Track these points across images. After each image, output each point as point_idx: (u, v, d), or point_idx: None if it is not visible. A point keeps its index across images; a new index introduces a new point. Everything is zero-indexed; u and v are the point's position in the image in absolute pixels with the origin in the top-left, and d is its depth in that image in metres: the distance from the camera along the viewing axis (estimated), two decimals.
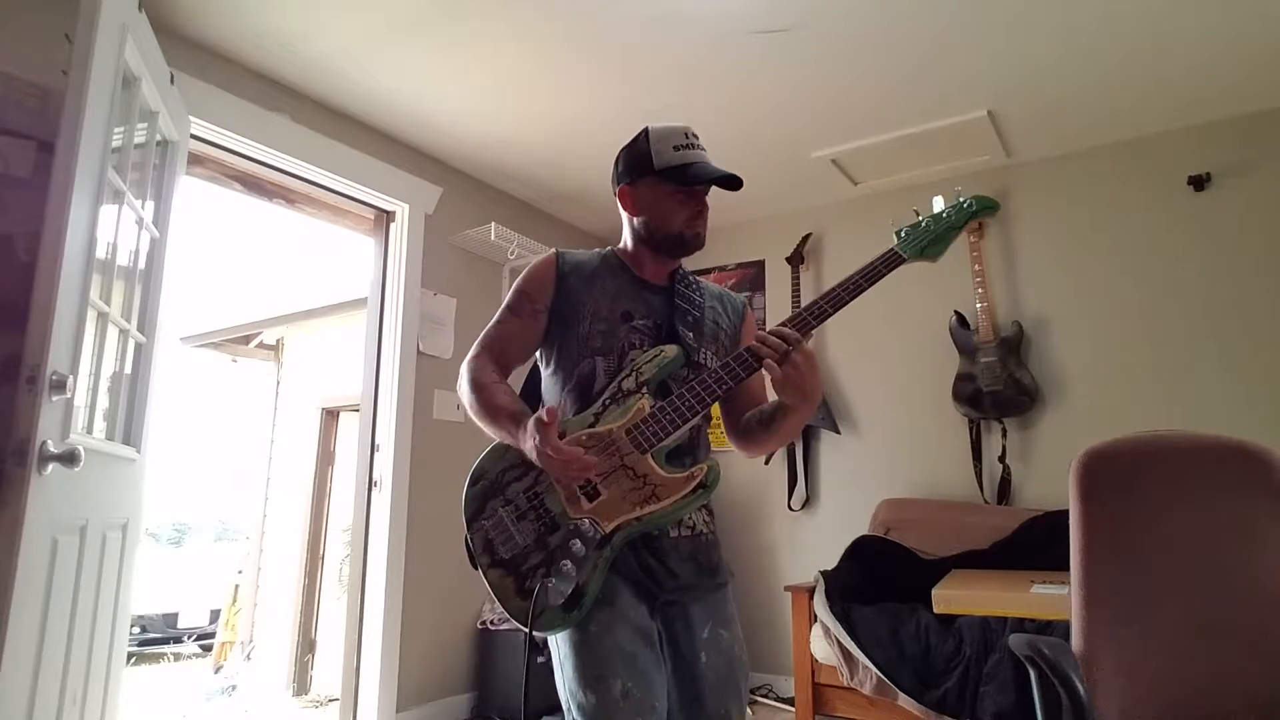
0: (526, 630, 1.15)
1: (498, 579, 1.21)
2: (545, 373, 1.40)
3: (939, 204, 1.32)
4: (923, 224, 1.31)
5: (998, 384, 3.07)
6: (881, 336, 3.49)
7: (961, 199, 1.31)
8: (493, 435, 1.29)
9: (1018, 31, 2.41)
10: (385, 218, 3.19)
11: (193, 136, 2.35)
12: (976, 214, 1.31)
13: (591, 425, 1.24)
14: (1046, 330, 3.16)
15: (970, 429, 3.19)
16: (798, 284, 3.65)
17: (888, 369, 3.46)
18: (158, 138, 2.05)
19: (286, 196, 2.96)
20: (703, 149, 1.35)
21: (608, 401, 1.26)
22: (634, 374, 1.26)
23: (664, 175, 1.32)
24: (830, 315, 1.22)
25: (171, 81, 2.09)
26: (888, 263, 1.27)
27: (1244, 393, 2.77)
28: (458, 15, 2.32)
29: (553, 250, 1.43)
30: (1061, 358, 3.12)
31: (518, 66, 2.59)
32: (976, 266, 3.20)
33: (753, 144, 3.14)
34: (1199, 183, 2.93)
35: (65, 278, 1.45)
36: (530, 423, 1.18)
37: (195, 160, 2.53)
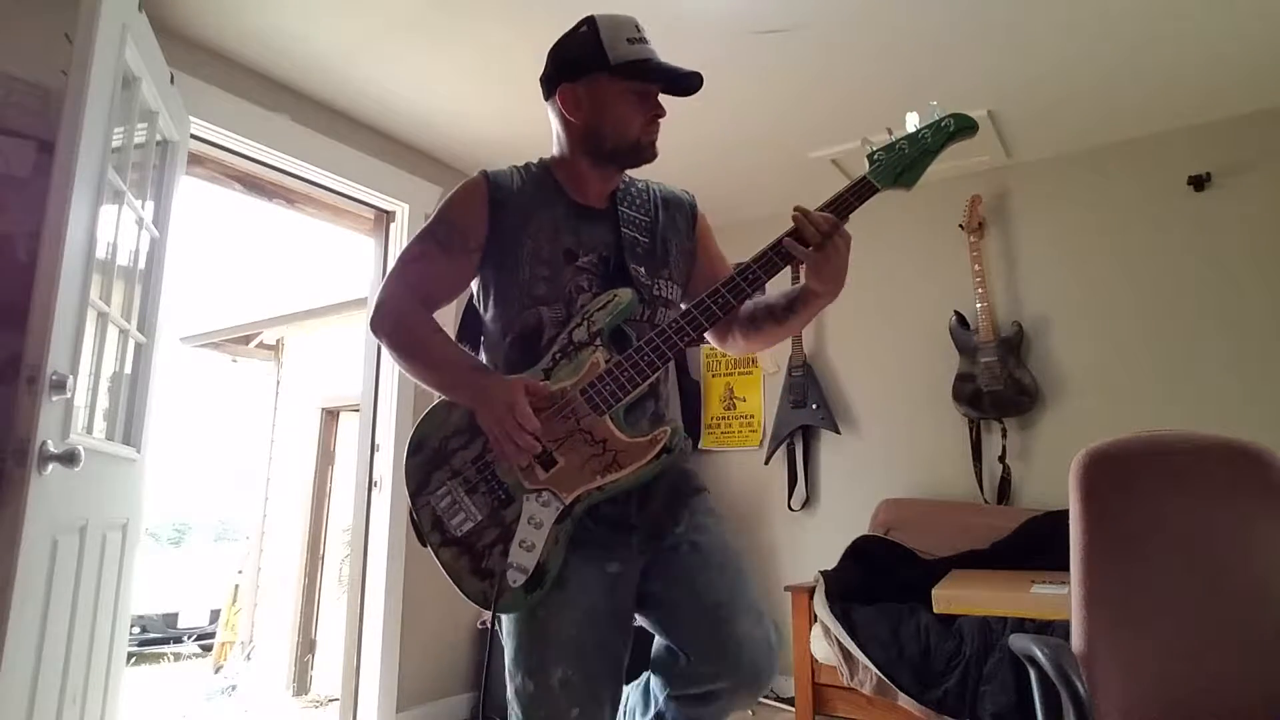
0: (491, 612, 1.09)
1: (451, 559, 1.12)
2: (486, 317, 1.26)
3: (913, 121, 1.19)
4: (897, 146, 1.18)
5: (998, 384, 3.07)
6: (881, 336, 3.49)
7: (939, 118, 1.18)
8: (433, 390, 1.18)
9: (1018, 32, 2.41)
10: (385, 218, 3.19)
11: (193, 136, 2.35)
12: (954, 135, 1.18)
13: (542, 382, 1.14)
14: (1046, 330, 3.16)
15: (970, 429, 3.19)
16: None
17: (888, 369, 3.46)
18: (158, 138, 2.05)
19: (286, 196, 2.96)
20: (651, 44, 1.22)
21: (558, 355, 1.15)
22: (585, 322, 1.15)
23: (620, 72, 1.17)
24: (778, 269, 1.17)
25: (171, 81, 2.09)
26: (859, 193, 1.18)
27: (1244, 392, 2.77)
28: (458, 15, 2.32)
29: (480, 173, 1.26)
30: (1061, 358, 3.12)
31: (518, 67, 2.58)
32: (976, 266, 3.19)
33: (753, 144, 3.14)
34: (1199, 183, 2.93)
35: (65, 278, 1.45)
36: (516, 382, 1.10)
37: (195, 160, 2.52)
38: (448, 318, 1.31)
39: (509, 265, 1.20)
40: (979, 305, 3.17)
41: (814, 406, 3.50)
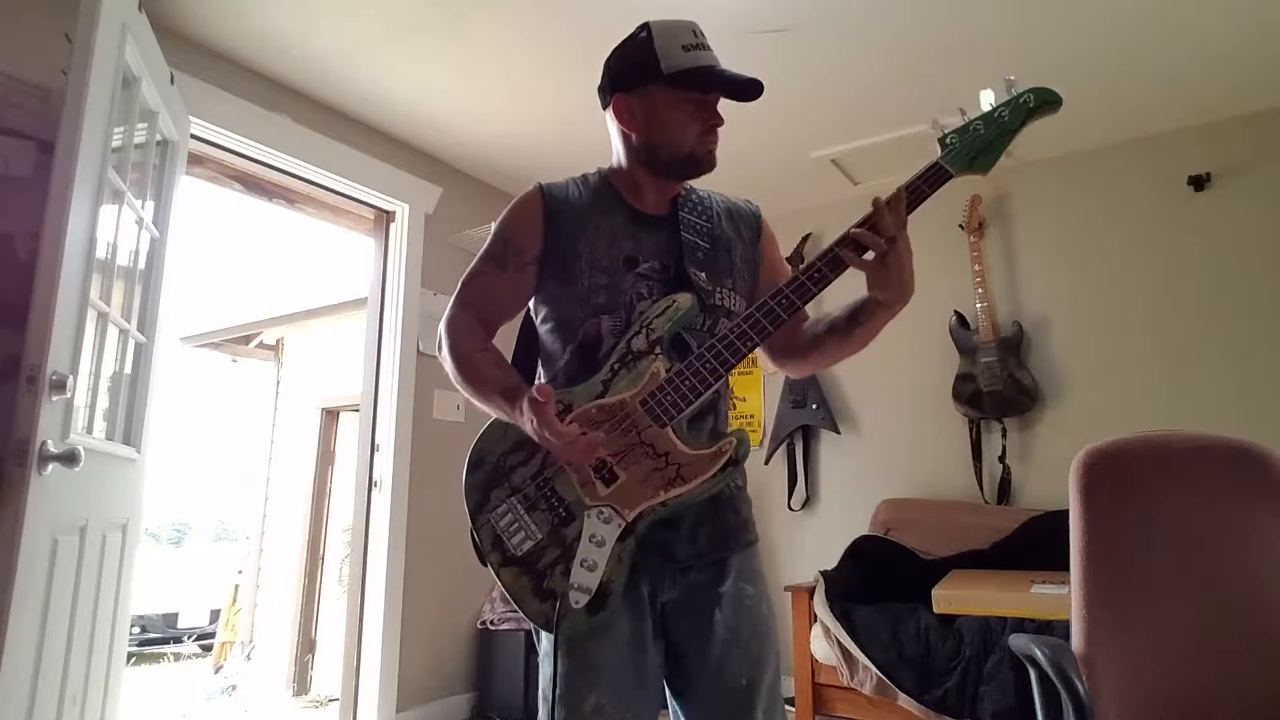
0: (553, 634, 1.07)
1: (512, 579, 1.08)
2: (542, 330, 1.23)
3: (988, 99, 1.10)
4: (971, 127, 1.09)
5: (998, 384, 3.07)
6: (882, 336, 3.47)
7: (1018, 93, 1.09)
8: (483, 409, 1.16)
9: (1018, 32, 2.41)
10: (385, 218, 3.19)
11: (193, 136, 2.35)
12: (1035, 111, 1.09)
13: (601, 395, 1.09)
14: (1047, 330, 3.16)
15: (970, 429, 3.19)
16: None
17: (888, 369, 3.46)
18: (158, 138, 2.05)
19: (286, 196, 2.96)
20: (711, 49, 1.16)
21: (616, 365, 1.10)
22: (644, 330, 1.11)
23: (674, 81, 1.12)
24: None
25: (171, 81, 2.09)
26: (932, 180, 1.08)
27: (1244, 392, 2.77)
28: (458, 15, 2.32)
29: (535, 186, 1.22)
30: (1061, 358, 3.12)
31: (518, 66, 2.58)
32: (976, 266, 3.19)
33: (753, 144, 3.14)
34: (1199, 183, 2.93)
35: (65, 278, 1.45)
36: (525, 404, 1.05)
37: (195, 160, 2.53)
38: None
39: (567, 276, 1.16)
40: (979, 305, 3.17)
41: (814, 406, 3.50)
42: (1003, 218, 3.32)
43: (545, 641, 1.12)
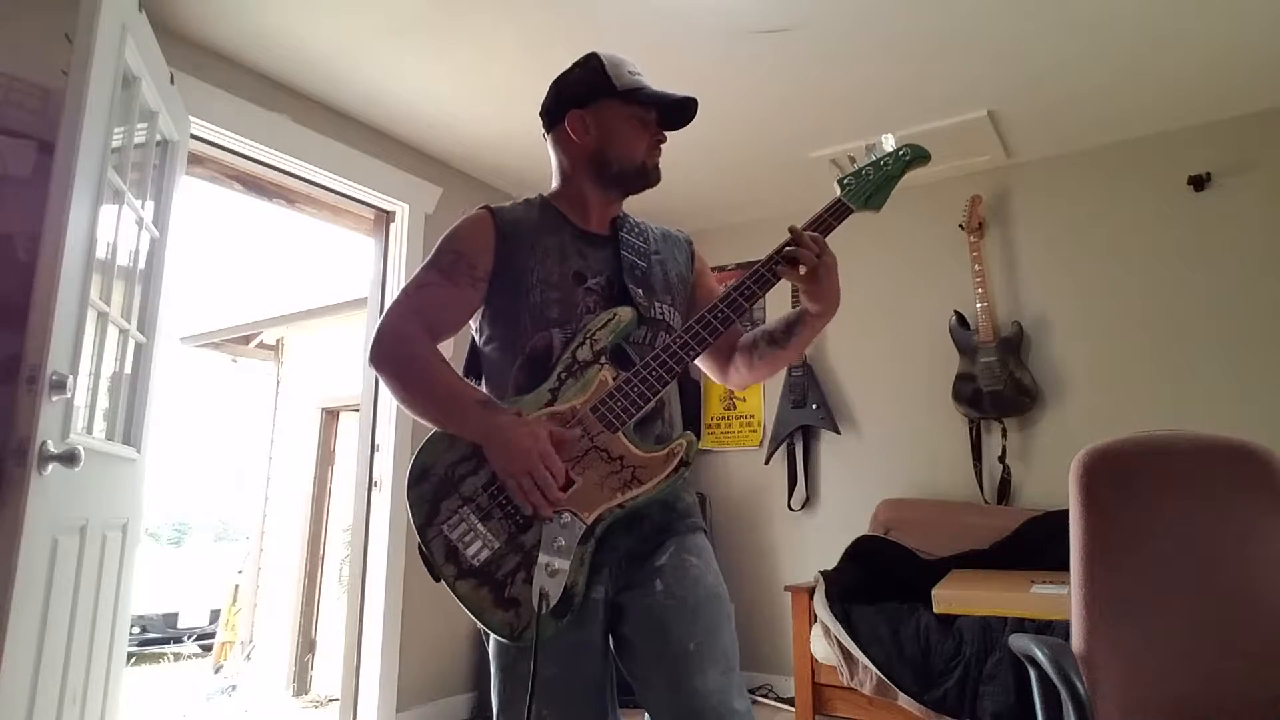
0: (518, 642, 1.05)
1: (470, 590, 1.07)
2: (487, 348, 1.24)
3: (872, 153, 1.30)
4: (863, 172, 1.28)
5: (998, 384, 3.07)
6: (881, 337, 3.49)
7: (897, 148, 1.29)
8: (434, 423, 1.14)
9: (1018, 32, 2.41)
10: (385, 218, 3.19)
11: (193, 136, 2.35)
12: (911, 163, 1.29)
13: (550, 403, 1.12)
14: (1046, 330, 3.16)
15: (970, 429, 3.19)
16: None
17: (888, 369, 3.46)
18: (158, 138, 2.04)
19: (286, 196, 2.96)
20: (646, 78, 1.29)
21: (563, 375, 1.14)
22: (588, 341, 1.15)
23: (626, 97, 1.23)
24: (770, 284, 1.19)
25: (171, 81, 2.09)
26: (837, 214, 1.23)
27: (1245, 393, 2.77)
28: (458, 15, 2.32)
29: (483, 207, 1.27)
30: (1061, 358, 3.12)
31: (518, 66, 2.58)
32: (976, 266, 3.19)
33: (753, 144, 3.14)
34: (1199, 183, 2.93)
35: (65, 278, 1.45)
36: (540, 429, 1.07)
37: (195, 160, 2.52)
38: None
39: (518, 291, 1.19)
40: (979, 305, 3.17)
41: (814, 406, 3.50)
42: (1003, 218, 3.32)
43: (492, 648, 1.14)
